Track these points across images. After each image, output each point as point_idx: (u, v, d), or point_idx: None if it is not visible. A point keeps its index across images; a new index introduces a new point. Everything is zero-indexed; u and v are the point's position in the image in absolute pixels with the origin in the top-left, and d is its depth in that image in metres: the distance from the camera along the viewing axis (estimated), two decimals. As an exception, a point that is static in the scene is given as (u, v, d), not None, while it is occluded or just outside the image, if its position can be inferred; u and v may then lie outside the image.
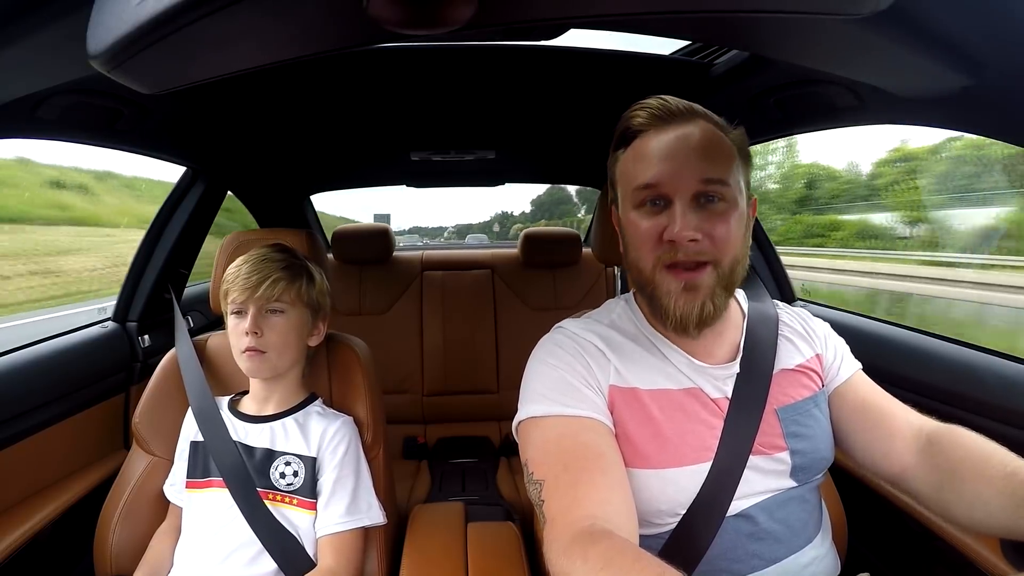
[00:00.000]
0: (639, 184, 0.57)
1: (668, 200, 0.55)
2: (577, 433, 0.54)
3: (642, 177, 0.56)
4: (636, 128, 0.59)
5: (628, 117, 0.60)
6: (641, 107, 0.59)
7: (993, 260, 6.42)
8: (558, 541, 0.46)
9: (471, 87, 1.11)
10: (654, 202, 0.56)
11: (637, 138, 0.59)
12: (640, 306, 0.66)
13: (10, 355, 0.97)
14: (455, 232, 22.51)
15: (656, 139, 0.57)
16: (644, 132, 0.58)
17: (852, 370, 0.67)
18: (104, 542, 0.81)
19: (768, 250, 1.43)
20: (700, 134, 0.56)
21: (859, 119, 0.88)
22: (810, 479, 0.60)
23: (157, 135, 1.08)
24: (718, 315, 0.57)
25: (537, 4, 0.40)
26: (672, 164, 0.55)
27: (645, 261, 0.57)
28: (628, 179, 0.59)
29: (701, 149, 0.55)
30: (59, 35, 0.52)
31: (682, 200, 0.54)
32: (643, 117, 0.58)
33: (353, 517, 0.77)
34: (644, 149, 0.58)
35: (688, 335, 0.58)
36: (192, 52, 0.42)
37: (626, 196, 0.59)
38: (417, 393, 1.77)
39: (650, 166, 0.56)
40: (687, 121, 0.57)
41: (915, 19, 0.50)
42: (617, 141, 0.62)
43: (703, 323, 0.56)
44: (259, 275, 0.77)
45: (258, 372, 0.79)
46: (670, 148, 0.56)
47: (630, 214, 0.58)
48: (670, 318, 0.56)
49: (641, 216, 0.57)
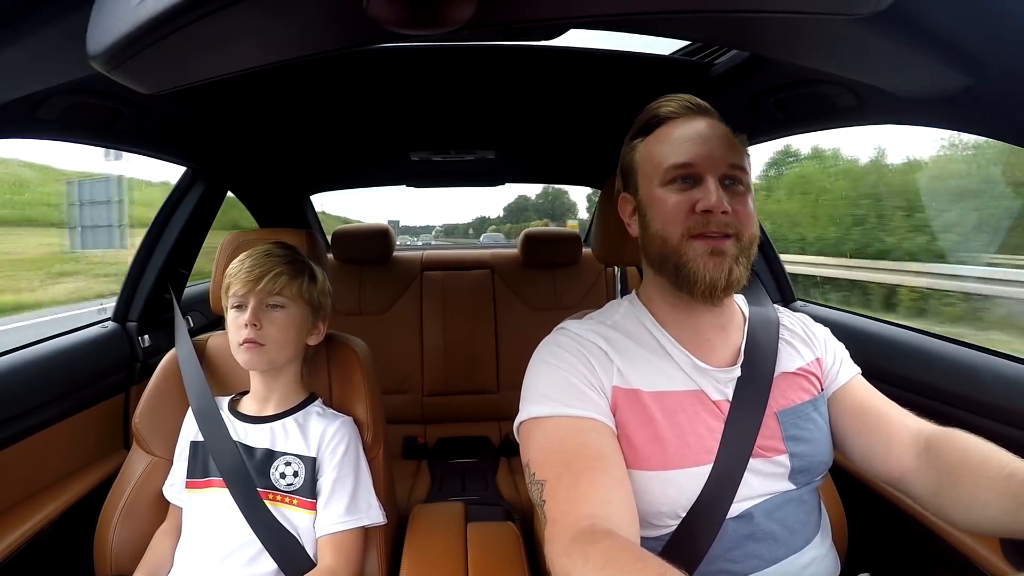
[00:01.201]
0: (674, 163, 0.59)
1: (700, 178, 0.58)
2: (579, 433, 0.54)
3: (676, 157, 0.60)
4: (666, 116, 0.63)
5: (656, 107, 0.65)
6: (670, 99, 0.64)
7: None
8: (559, 541, 0.46)
9: (471, 87, 1.11)
10: (685, 180, 0.59)
11: (663, 125, 0.63)
12: (648, 302, 0.66)
13: (10, 355, 0.97)
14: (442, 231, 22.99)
15: (687, 126, 0.62)
16: (673, 119, 0.63)
17: (851, 374, 0.67)
18: (104, 542, 0.81)
19: (768, 251, 1.43)
20: (722, 128, 0.62)
21: (859, 119, 0.88)
22: (809, 482, 0.60)
23: (157, 135, 1.08)
24: (741, 284, 0.59)
25: (537, 4, 0.40)
26: (706, 147, 0.59)
27: (672, 232, 0.59)
28: (658, 159, 0.62)
29: (726, 139, 0.60)
30: (59, 35, 0.52)
31: (713, 179, 0.58)
32: (674, 106, 0.63)
33: (353, 517, 0.77)
34: (675, 133, 0.62)
35: (714, 301, 0.60)
36: (192, 52, 0.42)
37: (653, 175, 0.62)
38: (417, 393, 1.77)
39: (684, 147, 0.60)
40: (710, 116, 0.63)
41: (915, 19, 0.50)
42: (639, 129, 0.66)
43: (730, 287, 0.58)
44: (261, 268, 0.78)
45: (255, 364, 0.79)
46: (703, 134, 0.60)
47: (656, 191, 0.61)
48: (699, 282, 0.57)
49: (671, 191, 0.60)
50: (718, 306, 0.62)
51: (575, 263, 1.86)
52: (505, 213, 37.77)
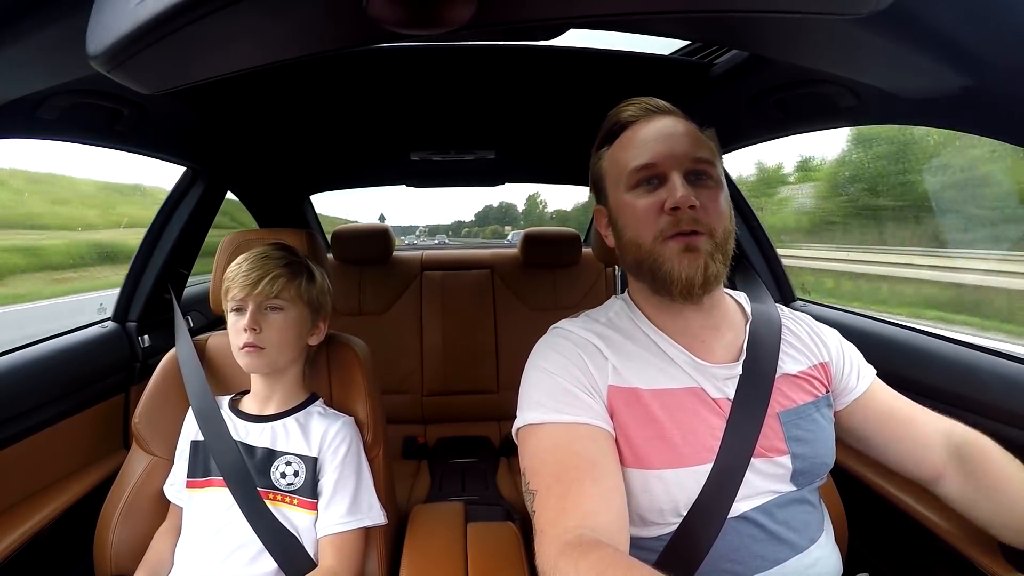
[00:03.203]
0: (635, 166, 0.59)
1: (664, 178, 0.58)
2: (571, 441, 0.54)
3: (638, 159, 0.60)
4: (626, 120, 0.63)
5: (616, 114, 0.65)
6: (628, 104, 0.64)
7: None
8: (548, 553, 0.47)
9: (471, 87, 1.11)
10: (649, 181, 0.59)
11: (626, 131, 0.63)
12: (638, 303, 0.66)
13: (10, 355, 0.97)
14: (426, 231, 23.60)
15: (646, 127, 0.62)
16: (633, 123, 0.63)
17: (870, 379, 0.67)
18: (104, 542, 0.81)
19: (768, 250, 1.43)
20: (684, 124, 0.62)
21: (859, 119, 0.88)
22: (810, 483, 0.60)
23: (157, 135, 1.08)
24: (719, 280, 0.59)
25: (537, 4, 0.40)
26: (666, 145, 0.59)
27: (644, 236, 0.58)
28: (621, 165, 0.62)
29: (689, 135, 0.60)
30: (59, 35, 0.52)
31: (677, 175, 0.57)
32: (634, 110, 0.63)
33: (354, 517, 0.77)
34: (636, 136, 0.62)
35: (693, 300, 0.59)
36: (192, 52, 0.42)
37: (619, 182, 0.62)
38: (417, 393, 1.77)
39: (645, 149, 0.60)
40: (671, 115, 0.63)
41: (915, 19, 0.50)
42: (603, 139, 0.66)
43: (707, 284, 0.57)
44: (259, 272, 0.78)
45: (256, 368, 0.79)
46: (662, 132, 0.60)
47: (624, 197, 0.61)
48: (675, 282, 0.57)
49: (637, 195, 0.60)
50: (702, 305, 0.61)
51: (575, 263, 1.86)
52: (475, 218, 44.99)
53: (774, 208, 3.89)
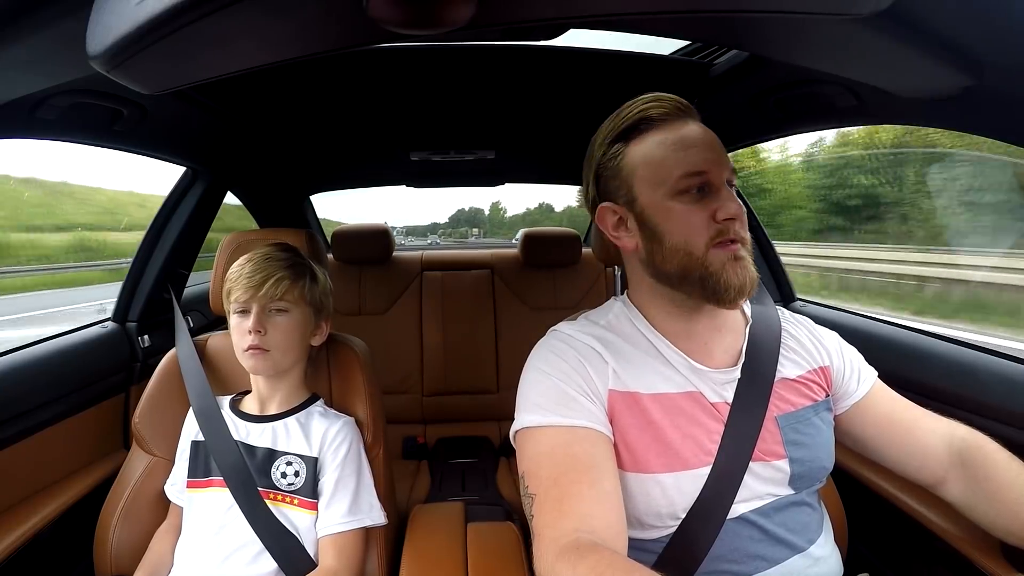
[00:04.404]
0: (687, 172, 0.56)
1: (711, 187, 0.57)
2: (569, 444, 0.54)
3: (690, 165, 0.56)
4: (657, 117, 0.59)
5: (642, 109, 0.60)
6: (656, 99, 0.60)
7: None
8: (545, 557, 0.46)
9: (471, 87, 1.11)
10: (700, 189, 0.57)
11: (655, 129, 0.59)
12: (639, 305, 0.65)
13: (10, 355, 0.97)
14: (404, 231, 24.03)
15: (684, 130, 0.58)
16: (665, 123, 0.59)
17: (871, 382, 0.67)
18: (104, 542, 0.81)
19: (768, 250, 1.43)
20: (711, 131, 0.60)
21: (859, 119, 0.88)
22: (809, 486, 0.60)
23: (157, 135, 1.08)
24: (756, 285, 0.59)
25: (537, 4, 0.40)
26: (714, 154, 0.57)
27: (696, 245, 0.56)
28: (666, 167, 0.57)
29: (721, 144, 0.59)
30: (59, 35, 0.52)
31: (725, 186, 0.57)
32: (666, 107, 0.59)
33: (355, 517, 0.77)
34: (678, 138, 0.58)
35: (737, 306, 0.59)
36: (192, 52, 0.42)
37: (660, 183, 0.57)
38: (417, 393, 1.77)
39: (695, 155, 0.57)
40: (698, 117, 0.61)
41: (915, 19, 0.50)
42: (624, 132, 0.61)
43: (752, 290, 0.58)
44: (263, 274, 0.77)
45: (261, 370, 0.79)
46: (705, 140, 0.58)
47: (667, 202, 0.57)
48: (729, 290, 0.56)
49: (686, 201, 0.57)
50: (715, 309, 0.61)
51: (575, 263, 1.86)
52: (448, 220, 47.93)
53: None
